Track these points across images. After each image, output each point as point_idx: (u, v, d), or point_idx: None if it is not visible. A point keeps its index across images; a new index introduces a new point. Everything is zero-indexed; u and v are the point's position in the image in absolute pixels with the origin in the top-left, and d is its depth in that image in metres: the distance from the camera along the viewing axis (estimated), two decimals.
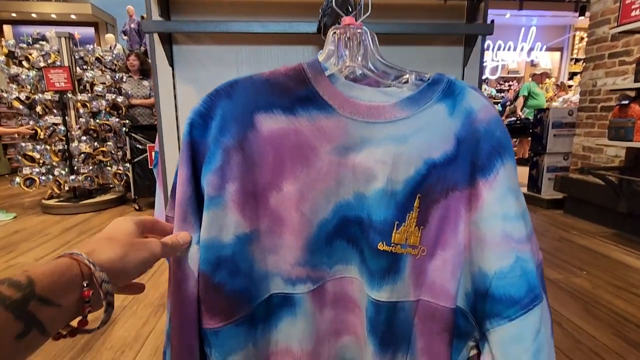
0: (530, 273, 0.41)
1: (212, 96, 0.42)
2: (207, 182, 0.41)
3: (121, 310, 1.57)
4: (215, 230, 0.41)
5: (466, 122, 0.42)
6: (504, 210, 0.41)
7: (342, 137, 0.43)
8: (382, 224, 0.43)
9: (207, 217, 0.41)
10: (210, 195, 0.41)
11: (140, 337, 1.39)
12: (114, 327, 1.45)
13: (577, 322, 1.48)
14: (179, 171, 0.41)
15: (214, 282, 0.41)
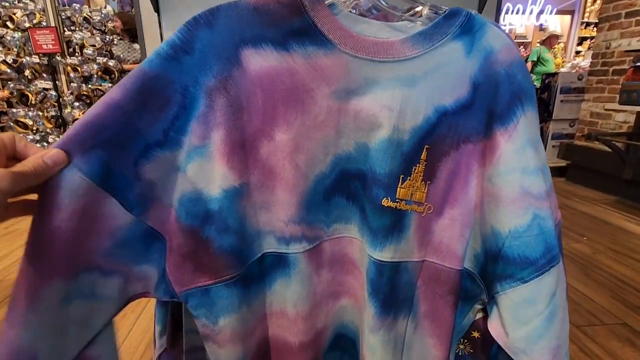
0: (548, 232, 0.37)
1: (189, 26, 0.35)
2: (191, 131, 0.36)
3: None
4: (204, 182, 0.37)
5: (485, 64, 0.37)
6: (522, 163, 0.37)
7: (343, 78, 0.37)
8: (387, 177, 0.38)
9: (192, 168, 0.36)
10: (195, 144, 0.36)
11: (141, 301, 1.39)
12: None
13: (576, 285, 1.49)
14: (110, 94, 0.34)
15: (202, 237, 0.37)
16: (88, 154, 0.32)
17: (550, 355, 0.38)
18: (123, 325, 1.26)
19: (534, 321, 0.38)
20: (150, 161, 0.35)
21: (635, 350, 1.14)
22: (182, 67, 0.35)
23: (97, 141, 0.33)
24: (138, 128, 0.34)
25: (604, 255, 1.75)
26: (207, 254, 0.38)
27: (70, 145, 0.32)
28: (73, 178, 0.32)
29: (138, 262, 0.37)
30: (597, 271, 1.60)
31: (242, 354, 0.42)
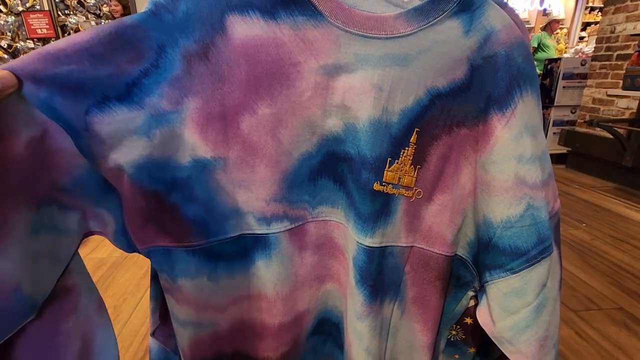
0: (541, 223, 0.36)
1: None
2: (163, 94, 0.34)
3: (122, 260, 1.59)
4: (171, 149, 0.35)
5: (484, 45, 0.35)
6: (518, 151, 0.36)
7: (332, 54, 0.35)
8: (375, 160, 0.37)
9: (161, 134, 0.35)
10: (166, 109, 0.34)
11: (141, 285, 1.41)
12: (115, 277, 1.47)
13: (574, 271, 1.50)
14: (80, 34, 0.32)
15: (169, 202, 0.37)
16: (39, 85, 0.30)
17: (536, 346, 0.37)
18: (124, 309, 1.27)
19: (521, 312, 0.37)
20: (103, 114, 0.32)
21: (631, 334, 1.15)
22: (162, 24, 0.33)
23: (50, 76, 0.30)
24: (99, 76, 0.32)
25: (602, 242, 1.75)
26: (171, 218, 0.37)
27: (23, 72, 0.30)
28: (27, 106, 0.30)
29: (95, 204, 0.36)
30: (594, 257, 1.61)
31: (204, 321, 0.42)
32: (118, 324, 1.19)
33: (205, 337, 0.43)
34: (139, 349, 1.09)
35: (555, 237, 0.39)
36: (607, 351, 1.08)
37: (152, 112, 0.34)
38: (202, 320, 0.42)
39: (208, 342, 0.43)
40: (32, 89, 0.30)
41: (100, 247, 1.71)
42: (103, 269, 1.52)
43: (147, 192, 0.36)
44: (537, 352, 0.37)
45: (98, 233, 0.38)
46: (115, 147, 0.34)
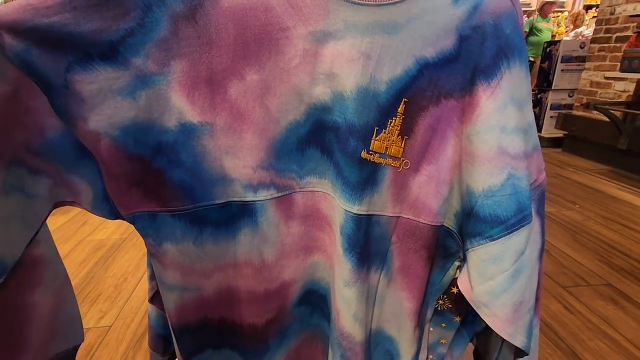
0: (521, 192, 0.36)
1: None
2: (147, 54, 0.33)
3: (121, 242, 1.61)
4: (159, 112, 0.35)
5: (473, 14, 0.35)
6: (502, 122, 0.36)
7: (322, 19, 0.35)
8: (362, 129, 0.37)
9: (146, 95, 0.34)
10: (152, 71, 0.34)
11: (141, 265, 1.43)
12: (115, 258, 1.49)
13: (565, 249, 1.53)
14: None
15: (153, 166, 0.36)
16: (17, 38, 0.29)
17: (511, 309, 0.38)
18: (125, 288, 1.30)
19: (498, 277, 0.38)
20: (85, 72, 0.32)
21: (617, 308, 1.19)
22: None
23: (29, 27, 0.29)
24: (82, 31, 0.31)
25: (593, 222, 1.78)
26: (156, 182, 0.37)
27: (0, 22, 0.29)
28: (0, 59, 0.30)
29: (67, 170, 0.36)
30: (586, 236, 1.64)
31: (189, 286, 0.42)
32: (119, 302, 1.22)
33: (190, 302, 0.43)
34: (140, 325, 1.12)
35: (537, 208, 0.40)
36: (593, 324, 1.12)
37: (138, 72, 0.33)
38: (188, 285, 0.42)
39: (193, 307, 0.44)
40: (9, 41, 0.29)
41: (100, 229, 1.73)
42: (103, 250, 1.55)
43: (132, 156, 0.35)
44: (512, 315, 0.38)
45: (70, 203, 0.37)
46: (97, 108, 0.33)
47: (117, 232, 1.69)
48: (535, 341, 0.44)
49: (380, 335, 0.47)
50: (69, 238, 1.64)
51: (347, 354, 0.45)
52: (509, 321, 0.38)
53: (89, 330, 1.10)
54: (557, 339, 1.06)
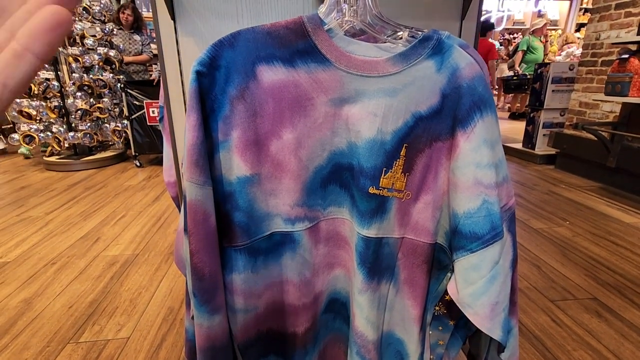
0: (494, 214, 0.46)
1: (215, 47, 0.45)
2: (218, 128, 0.46)
3: (134, 257, 1.69)
4: (225, 169, 0.47)
5: (452, 78, 0.46)
6: (477, 159, 0.46)
7: (338, 89, 0.46)
8: (372, 170, 0.48)
9: (219, 158, 0.47)
10: (221, 140, 0.46)
11: (154, 280, 1.51)
12: (129, 273, 1.57)
13: (554, 265, 1.62)
14: (188, 118, 0.45)
15: (223, 209, 0.48)
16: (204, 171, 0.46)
17: (489, 309, 0.48)
18: (140, 302, 1.37)
19: (477, 282, 0.47)
20: (205, 147, 0.46)
21: (602, 321, 1.27)
22: (214, 80, 0.45)
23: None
24: (203, 132, 0.46)
25: (582, 238, 1.87)
26: (225, 223, 0.49)
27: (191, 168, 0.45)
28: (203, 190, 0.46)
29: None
30: (574, 252, 1.73)
31: (249, 307, 0.53)
32: (135, 315, 1.30)
33: (250, 320, 0.54)
34: (155, 336, 1.20)
35: (509, 227, 0.50)
36: (578, 335, 1.20)
37: (214, 141, 0.46)
38: (248, 307, 0.53)
39: (252, 324, 0.55)
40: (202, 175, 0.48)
41: (113, 245, 1.81)
42: (117, 265, 1.62)
43: (215, 200, 0.48)
44: (489, 313, 0.48)
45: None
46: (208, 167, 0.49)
47: (129, 248, 1.78)
48: (514, 340, 0.55)
49: (391, 337, 0.58)
50: (84, 254, 1.72)
51: (362, 350, 0.55)
52: (488, 318, 0.48)
53: (109, 342, 1.18)
54: (544, 350, 1.13)
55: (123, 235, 1.93)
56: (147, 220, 2.12)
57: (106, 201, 2.43)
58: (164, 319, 1.28)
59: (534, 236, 1.88)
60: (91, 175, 3.03)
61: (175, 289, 1.45)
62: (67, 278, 1.53)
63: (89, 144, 3.23)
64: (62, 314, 1.30)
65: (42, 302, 1.37)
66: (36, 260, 1.67)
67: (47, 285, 1.47)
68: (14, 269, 1.59)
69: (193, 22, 0.84)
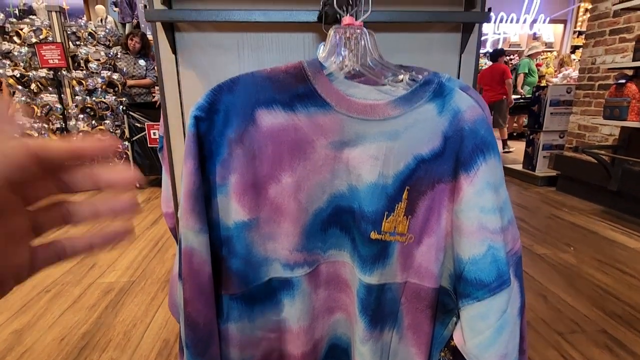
0: (500, 261, 0.45)
1: (214, 92, 0.45)
2: (216, 172, 0.45)
3: (130, 285, 1.65)
4: (223, 214, 0.46)
5: (453, 121, 0.45)
6: (481, 203, 0.45)
7: (338, 133, 0.45)
8: (374, 214, 0.46)
9: (217, 202, 0.46)
10: (218, 184, 0.45)
11: (150, 310, 1.47)
12: (124, 302, 1.53)
13: (561, 294, 1.57)
14: (186, 164, 0.44)
15: (219, 255, 0.47)
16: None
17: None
18: (134, 335, 1.33)
19: (485, 332, 0.45)
20: (201, 193, 0.45)
21: (613, 356, 1.22)
22: (213, 124, 0.44)
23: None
24: (200, 178, 0.45)
25: (588, 265, 1.83)
26: (222, 269, 0.47)
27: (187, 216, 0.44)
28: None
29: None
30: (580, 280, 1.69)
31: (246, 358, 0.50)
32: (129, 350, 1.25)
33: None
34: None
35: (515, 272, 0.48)
36: None
37: (212, 184, 0.45)
38: (244, 357, 0.51)
39: None
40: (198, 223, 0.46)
41: (109, 271, 1.78)
42: (112, 294, 1.59)
43: (211, 243, 0.46)
44: None
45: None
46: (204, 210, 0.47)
47: (126, 274, 1.74)
48: None
49: None
50: (79, 281, 1.69)
51: None
52: None
53: None
54: None
55: (120, 260, 1.89)
56: (145, 244, 2.09)
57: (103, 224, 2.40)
58: (159, 353, 1.23)
59: (539, 263, 1.85)
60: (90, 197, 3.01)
61: (171, 320, 1.40)
62: (60, 307, 1.48)
63: None
64: (53, 348, 1.26)
65: (33, 335, 1.33)
66: (30, 288, 1.63)
67: (40, 316, 1.43)
68: (7, 297, 1.54)
69: (194, 56, 0.85)
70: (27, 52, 3.00)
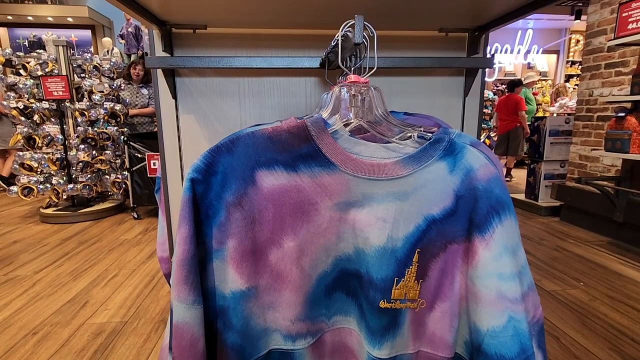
0: (522, 334, 0.41)
1: (212, 152, 0.43)
2: (213, 236, 0.42)
3: (122, 326, 1.57)
4: (219, 282, 0.43)
5: (465, 180, 0.43)
6: (499, 269, 0.42)
7: (344, 193, 0.43)
8: (383, 282, 0.43)
9: (212, 268, 0.42)
10: (215, 248, 0.42)
11: (142, 354, 1.39)
12: (115, 345, 1.45)
13: (574, 335, 1.50)
14: (180, 229, 0.41)
15: (214, 328, 0.43)
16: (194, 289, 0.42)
17: None
18: None
19: None
20: (196, 261, 0.42)
21: None
22: (210, 186, 0.42)
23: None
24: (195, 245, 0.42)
25: (600, 302, 1.76)
26: (217, 343, 0.43)
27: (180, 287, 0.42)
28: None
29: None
30: (594, 320, 1.62)
31: None
32: None
33: None
34: None
35: (538, 343, 0.45)
36: None
37: (208, 249, 0.42)
38: None
39: None
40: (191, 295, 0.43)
41: (101, 310, 1.70)
42: (103, 335, 1.51)
43: (205, 313, 0.42)
44: None
45: None
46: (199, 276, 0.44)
47: (118, 314, 1.67)
48: None
49: None
50: (68, 322, 1.61)
51: None
52: None
53: None
54: None
55: (113, 298, 1.82)
56: (139, 280, 2.02)
57: (99, 258, 2.34)
58: None
59: (549, 300, 1.78)
60: (87, 228, 2.96)
61: None
62: (47, 352, 1.40)
63: (87, 195, 3.20)
64: None
65: None
66: (17, 330, 1.55)
67: None
68: None
69: (194, 101, 0.84)
70: (32, 84, 3.04)
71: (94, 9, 7.00)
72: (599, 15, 2.81)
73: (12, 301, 1.81)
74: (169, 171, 0.88)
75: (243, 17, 0.73)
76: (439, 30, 0.83)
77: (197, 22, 0.76)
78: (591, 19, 2.89)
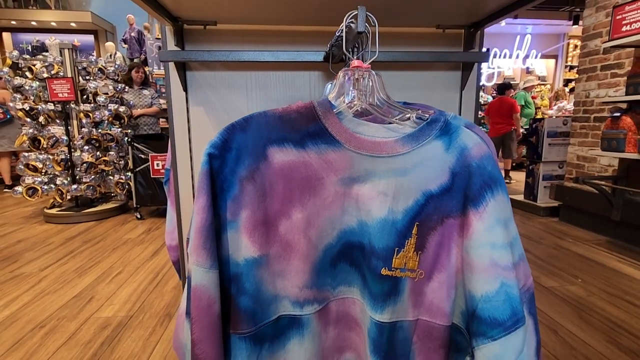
0: (514, 298, 0.44)
1: (228, 130, 0.46)
2: (227, 208, 0.46)
3: (127, 320, 1.60)
4: (233, 250, 0.46)
5: (460, 158, 0.47)
6: (491, 239, 0.45)
7: (348, 169, 0.47)
8: (384, 250, 0.47)
9: (227, 238, 0.46)
10: (229, 219, 0.46)
11: (148, 347, 1.42)
12: (121, 337, 1.48)
13: (572, 329, 1.53)
14: (198, 199, 0.45)
15: (228, 293, 0.46)
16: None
17: None
18: None
19: None
20: (213, 229, 0.45)
21: None
22: (225, 161, 0.45)
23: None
24: (212, 214, 0.45)
25: (597, 298, 1.79)
26: (230, 308, 0.47)
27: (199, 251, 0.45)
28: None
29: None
30: (591, 314, 1.64)
31: None
32: None
33: None
34: None
35: (529, 309, 0.48)
36: None
37: (223, 220, 0.46)
38: None
39: None
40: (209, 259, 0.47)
41: (107, 305, 1.73)
42: (109, 329, 1.54)
43: (222, 281, 0.46)
44: None
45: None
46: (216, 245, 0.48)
47: (124, 309, 1.69)
48: None
49: None
50: (75, 316, 1.64)
51: None
52: None
53: None
54: None
55: (118, 294, 1.85)
56: (144, 276, 2.05)
57: (103, 256, 2.37)
58: None
59: (547, 296, 1.80)
60: (90, 228, 2.99)
61: (169, 357, 1.35)
62: (54, 344, 1.43)
63: (91, 196, 3.23)
64: None
65: None
66: (24, 323, 1.58)
67: (32, 353, 1.38)
68: (0, 333, 1.50)
69: (204, 93, 0.88)
70: (38, 86, 3.09)
71: (97, 14, 7.09)
72: (595, 19, 2.87)
73: (18, 297, 1.83)
74: (179, 162, 0.92)
75: (251, 14, 0.77)
76: (436, 27, 0.87)
77: (208, 18, 0.80)
78: (587, 22, 2.95)
